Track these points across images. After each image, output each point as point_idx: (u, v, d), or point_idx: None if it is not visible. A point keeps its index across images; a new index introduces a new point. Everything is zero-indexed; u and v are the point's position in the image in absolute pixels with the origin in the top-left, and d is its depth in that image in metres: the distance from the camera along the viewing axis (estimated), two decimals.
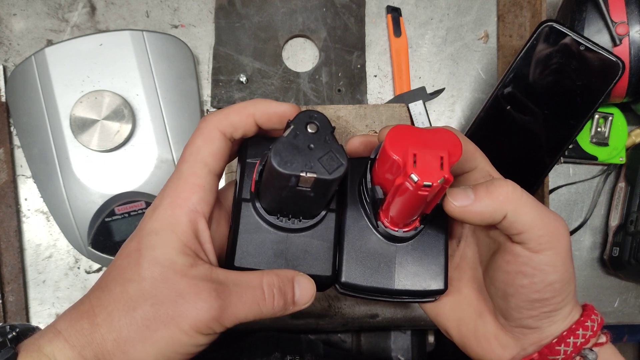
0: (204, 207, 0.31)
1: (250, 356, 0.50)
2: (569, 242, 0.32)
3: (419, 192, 0.28)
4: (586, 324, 0.33)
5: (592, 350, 0.33)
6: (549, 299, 0.32)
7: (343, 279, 0.34)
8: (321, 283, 0.34)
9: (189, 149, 0.32)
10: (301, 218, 0.34)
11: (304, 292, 0.32)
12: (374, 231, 0.35)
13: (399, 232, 0.34)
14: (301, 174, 0.29)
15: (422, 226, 0.34)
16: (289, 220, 0.34)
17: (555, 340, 0.33)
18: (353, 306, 0.55)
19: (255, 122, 0.32)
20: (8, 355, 0.28)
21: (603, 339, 0.34)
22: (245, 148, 0.34)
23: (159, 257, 0.30)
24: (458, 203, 0.31)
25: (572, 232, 0.57)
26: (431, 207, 0.32)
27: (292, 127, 0.30)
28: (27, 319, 0.53)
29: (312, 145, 0.29)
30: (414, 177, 0.27)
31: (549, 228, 0.31)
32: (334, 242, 0.35)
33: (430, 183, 0.27)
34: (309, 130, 0.30)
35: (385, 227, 0.34)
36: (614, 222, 0.56)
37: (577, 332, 0.33)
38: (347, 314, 0.55)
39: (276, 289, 0.31)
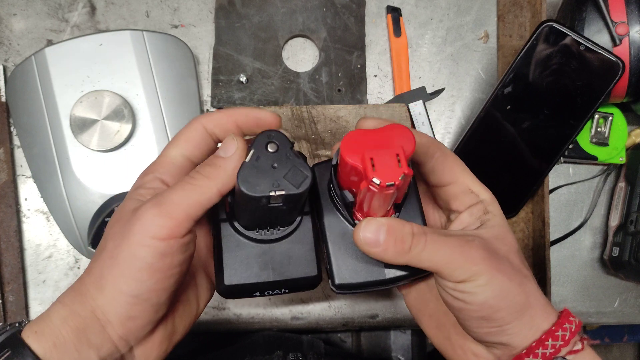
0: (167, 177, 0.34)
1: (253, 354, 0.50)
2: (492, 261, 0.33)
3: (385, 192, 0.30)
4: (557, 333, 0.33)
5: (564, 358, 0.33)
6: (490, 316, 0.33)
7: (337, 282, 0.35)
8: (310, 283, 0.36)
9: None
10: (279, 227, 0.35)
11: (225, 147, 0.33)
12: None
13: None
14: (270, 194, 0.31)
15: (397, 214, 0.35)
16: (267, 231, 0.35)
17: (524, 351, 0.33)
18: (353, 306, 0.55)
19: (235, 123, 0.35)
20: (14, 330, 0.31)
21: (579, 346, 0.34)
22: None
23: (124, 210, 0.33)
24: (367, 235, 0.33)
25: (572, 232, 0.57)
26: (401, 196, 0.34)
27: (252, 150, 0.31)
28: (27, 319, 0.53)
29: (275, 165, 0.31)
30: (376, 181, 0.29)
31: (464, 263, 0.32)
32: (314, 243, 0.36)
33: (392, 182, 0.29)
34: (270, 150, 0.31)
35: None
36: (614, 222, 0.56)
37: (547, 342, 0.33)
38: (347, 314, 0.55)
39: (199, 166, 0.33)
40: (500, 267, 0.33)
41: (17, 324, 0.32)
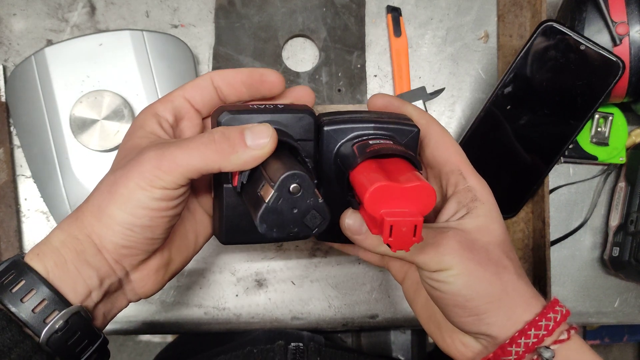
0: (167, 114, 0.36)
1: (255, 345, 0.50)
2: (465, 251, 0.33)
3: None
4: (539, 323, 0.33)
5: (548, 348, 0.33)
6: (464, 305, 0.34)
7: (317, 238, 0.41)
8: (300, 238, 0.38)
9: None
10: None
11: (256, 135, 0.32)
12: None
13: None
14: (288, 235, 0.32)
15: None
16: None
17: (507, 341, 0.34)
18: (353, 306, 0.55)
19: (241, 80, 0.37)
20: (16, 257, 0.33)
21: (565, 335, 0.34)
22: (218, 122, 0.35)
23: (127, 146, 0.35)
24: (352, 227, 0.35)
25: (572, 232, 0.57)
26: None
27: (275, 193, 0.31)
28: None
29: (295, 210, 0.31)
30: (389, 245, 0.30)
31: (436, 254, 0.33)
32: None
33: (403, 250, 0.31)
34: (292, 192, 0.31)
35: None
36: (614, 222, 0.56)
37: (529, 332, 0.33)
38: (347, 314, 0.55)
39: (218, 134, 0.32)
40: (474, 258, 0.33)
41: (17, 255, 0.34)
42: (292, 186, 0.31)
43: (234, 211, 0.37)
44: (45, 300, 0.31)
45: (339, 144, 0.37)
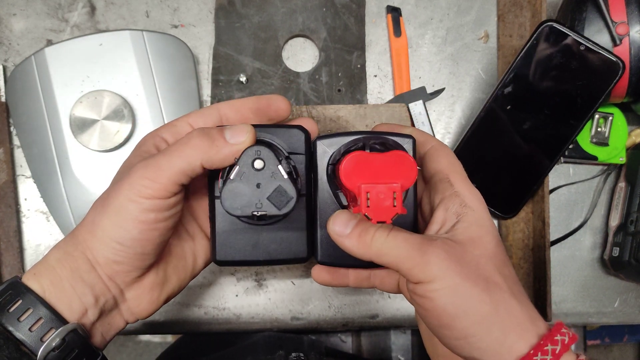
0: (167, 136, 0.37)
1: (255, 355, 0.50)
2: (452, 262, 0.31)
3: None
4: (534, 358, 0.30)
5: None
6: (450, 324, 0.31)
7: (320, 260, 0.38)
8: (299, 261, 0.38)
9: None
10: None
11: (235, 132, 0.33)
12: None
13: None
14: (252, 214, 0.31)
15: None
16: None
17: None
18: (353, 306, 0.55)
19: (248, 107, 0.38)
20: (14, 279, 0.33)
21: None
22: None
23: (124, 165, 0.36)
24: (336, 228, 0.33)
25: (572, 232, 0.57)
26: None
27: (237, 167, 0.31)
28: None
29: (260, 184, 0.31)
30: (368, 216, 0.29)
31: (420, 262, 0.31)
32: (306, 227, 0.37)
33: (384, 221, 0.29)
34: (256, 167, 0.31)
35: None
36: (614, 222, 0.56)
37: None
38: (347, 314, 0.55)
39: (196, 132, 0.33)
40: (462, 271, 0.31)
41: (16, 276, 0.34)
42: (255, 161, 0.31)
43: (226, 225, 0.36)
44: (42, 319, 0.32)
45: (332, 153, 0.36)
